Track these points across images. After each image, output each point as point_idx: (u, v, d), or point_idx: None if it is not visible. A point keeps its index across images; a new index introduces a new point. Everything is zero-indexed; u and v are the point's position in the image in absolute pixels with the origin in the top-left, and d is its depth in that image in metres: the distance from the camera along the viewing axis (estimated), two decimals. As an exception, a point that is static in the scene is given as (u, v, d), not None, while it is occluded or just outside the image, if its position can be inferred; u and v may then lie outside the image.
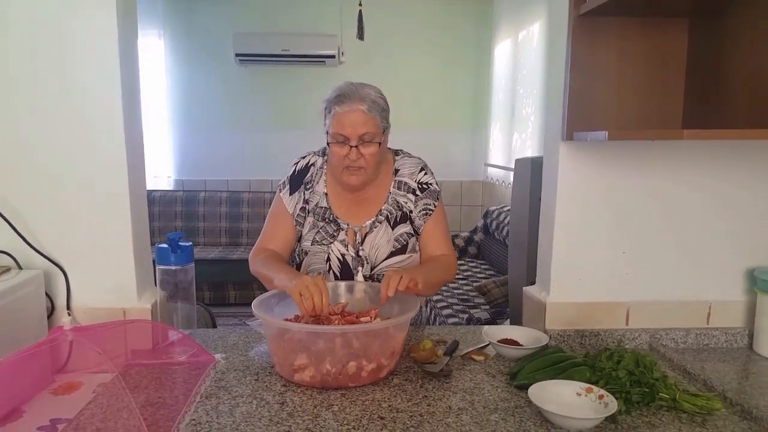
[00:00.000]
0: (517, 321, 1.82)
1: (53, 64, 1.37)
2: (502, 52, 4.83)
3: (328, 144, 1.51)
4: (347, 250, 1.56)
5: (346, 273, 1.56)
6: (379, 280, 1.55)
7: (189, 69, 5.09)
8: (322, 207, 1.58)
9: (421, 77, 5.19)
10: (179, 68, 5.09)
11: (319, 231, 1.57)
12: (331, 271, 1.57)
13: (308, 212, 1.59)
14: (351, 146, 1.45)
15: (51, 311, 1.42)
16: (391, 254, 1.57)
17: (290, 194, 1.61)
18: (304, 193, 1.60)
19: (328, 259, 1.57)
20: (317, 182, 1.61)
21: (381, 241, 1.57)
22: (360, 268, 1.56)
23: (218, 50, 5.01)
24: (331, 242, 1.56)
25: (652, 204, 1.49)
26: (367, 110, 1.45)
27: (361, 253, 1.56)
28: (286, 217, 1.60)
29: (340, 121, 1.45)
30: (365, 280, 1.56)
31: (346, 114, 1.44)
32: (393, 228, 1.58)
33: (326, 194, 1.59)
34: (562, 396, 1.12)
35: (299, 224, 1.60)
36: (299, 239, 1.62)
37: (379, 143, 1.49)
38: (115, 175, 1.41)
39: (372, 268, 1.57)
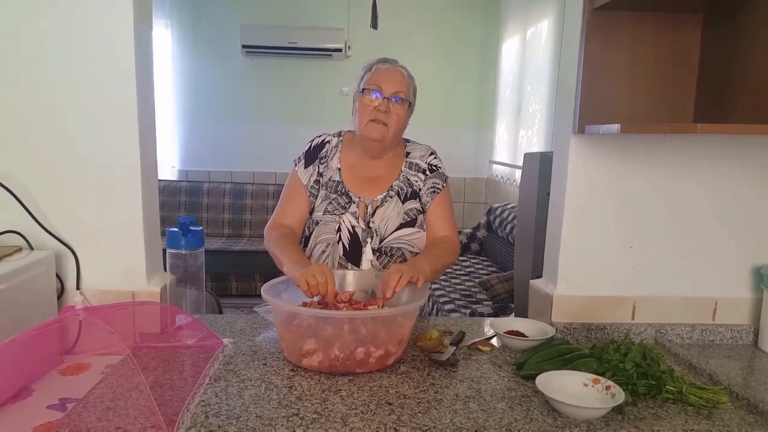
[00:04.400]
0: (522, 315, 1.82)
1: (70, 49, 1.37)
2: (509, 49, 4.82)
3: (357, 98, 1.58)
4: (358, 222, 1.59)
5: (355, 244, 1.58)
6: (387, 253, 1.58)
7: (195, 60, 5.08)
8: (335, 181, 1.62)
9: (427, 73, 5.13)
10: (186, 59, 5.09)
11: (331, 202, 1.60)
12: (340, 242, 1.58)
13: (321, 185, 1.63)
14: (384, 97, 1.53)
15: (60, 292, 1.43)
16: (401, 226, 1.59)
17: (305, 167, 1.64)
18: (318, 167, 1.64)
19: (339, 230, 1.58)
20: (331, 158, 1.65)
21: (391, 214, 1.60)
22: (369, 240, 1.58)
23: (225, 42, 5.00)
24: (343, 213, 1.59)
25: (660, 200, 1.50)
26: (406, 76, 1.59)
27: (371, 225, 1.59)
28: (300, 190, 1.63)
29: (381, 75, 1.56)
30: (373, 253, 1.58)
31: (388, 70, 1.58)
32: (403, 203, 1.61)
33: (339, 169, 1.63)
34: (568, 386, 1.12)
35: (312, 195, 1.63)
36: (311, 211, 1.63)
37: (409, 104, 1.58)
38: (128, 159, 1.41)
39: (381, 240, 1.59)
